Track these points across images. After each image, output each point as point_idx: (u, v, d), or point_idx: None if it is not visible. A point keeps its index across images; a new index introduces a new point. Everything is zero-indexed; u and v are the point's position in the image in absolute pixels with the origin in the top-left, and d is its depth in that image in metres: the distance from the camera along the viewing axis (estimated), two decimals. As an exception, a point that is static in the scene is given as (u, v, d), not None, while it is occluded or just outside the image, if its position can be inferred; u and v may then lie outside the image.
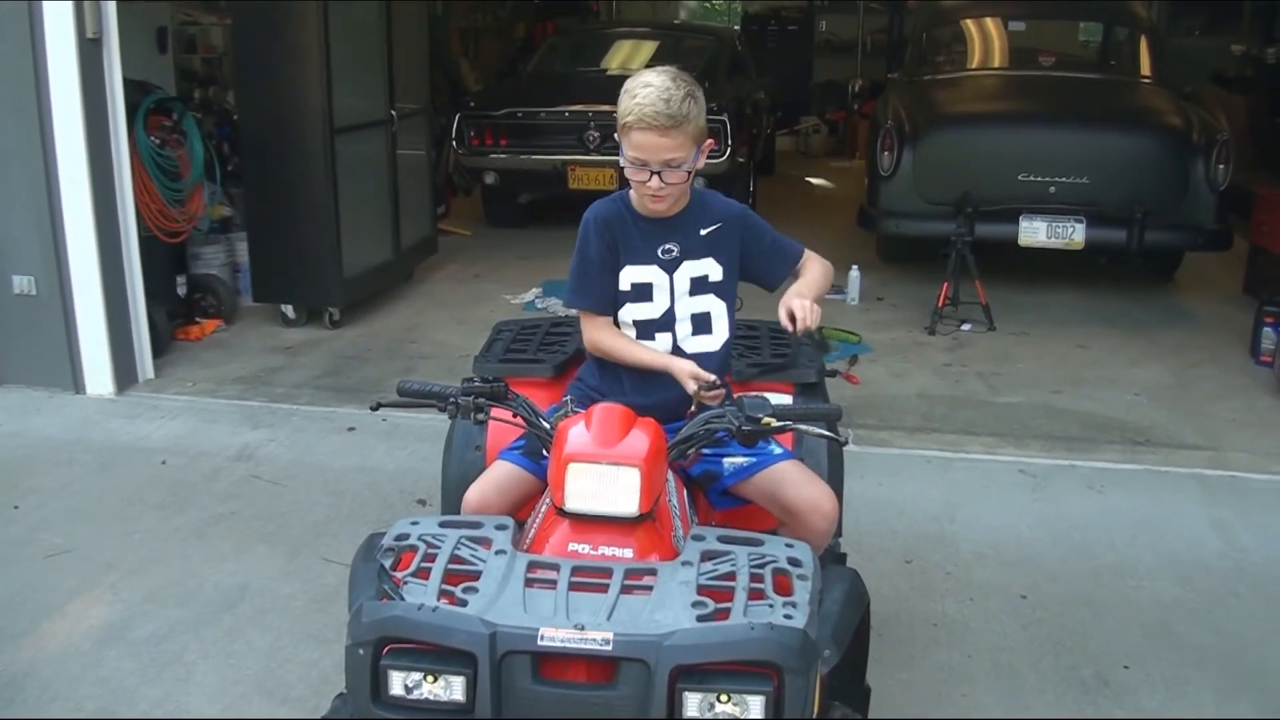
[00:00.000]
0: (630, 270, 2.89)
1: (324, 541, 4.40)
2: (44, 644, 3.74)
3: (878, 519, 4.53)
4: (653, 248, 2.88)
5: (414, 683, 2.00)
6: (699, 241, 2.90)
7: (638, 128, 2.67)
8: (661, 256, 2.88)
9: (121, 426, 5.58)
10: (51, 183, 5.68)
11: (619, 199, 2.94)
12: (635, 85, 2.71)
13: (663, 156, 2.70)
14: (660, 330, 2.91)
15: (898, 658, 3.60)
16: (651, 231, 2.88)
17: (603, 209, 2.93)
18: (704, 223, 2.91)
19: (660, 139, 2.67)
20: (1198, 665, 3.65)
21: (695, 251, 2.90)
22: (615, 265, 2.90)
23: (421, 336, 7.07)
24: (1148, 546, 4.42)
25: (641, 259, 2.89)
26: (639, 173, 2.74)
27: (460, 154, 9.73)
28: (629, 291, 2.90)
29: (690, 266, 2.90)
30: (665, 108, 2.65)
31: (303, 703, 3.37)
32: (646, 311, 2.91)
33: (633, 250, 2.89)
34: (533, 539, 2.36)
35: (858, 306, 7.79)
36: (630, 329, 2.92)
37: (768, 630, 1.97)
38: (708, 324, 2.94)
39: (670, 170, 2.72)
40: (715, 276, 2.92)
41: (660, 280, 2.89)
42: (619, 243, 2.89)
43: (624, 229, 2.89)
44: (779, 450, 2.90)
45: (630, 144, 2.71)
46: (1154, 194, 7.44)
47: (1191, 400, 6.08)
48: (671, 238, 2.88)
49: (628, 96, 2.70)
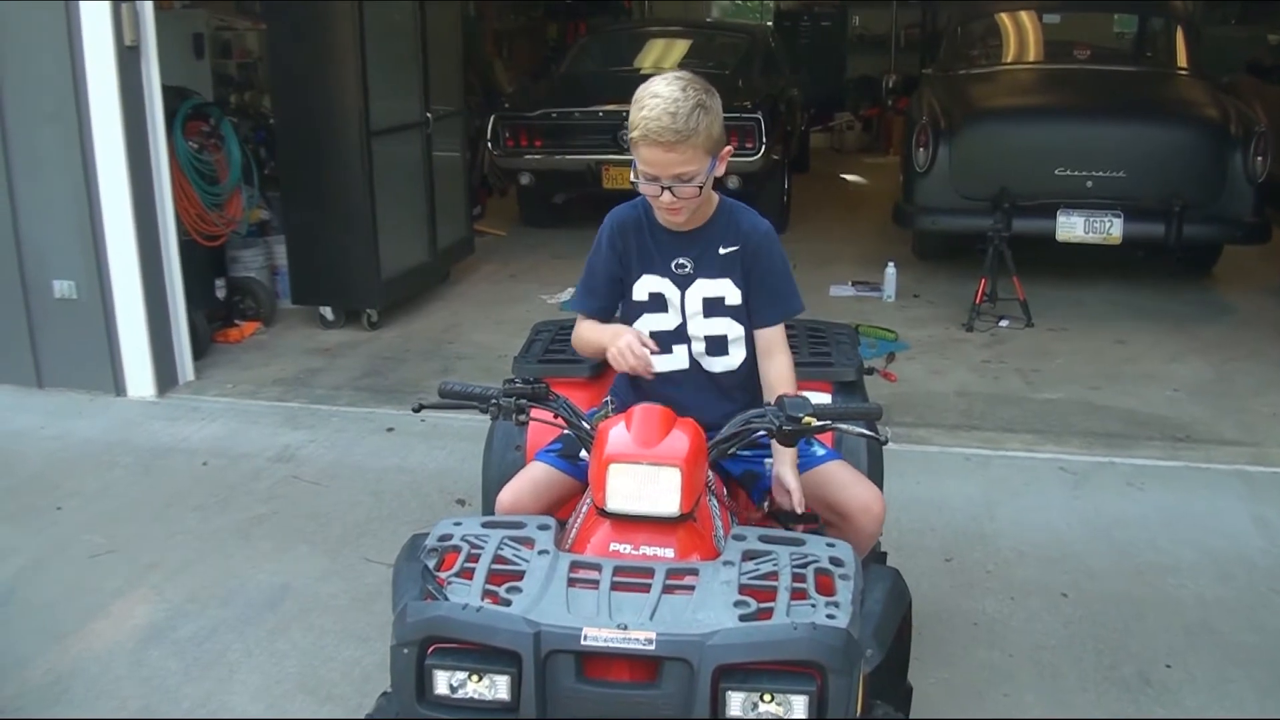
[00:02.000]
0: (647, 280, 2.81)
1: (365, 541, 4.43)
2: (89, 643, 3.78)
3: (917, 517, 4.52)
4: (667, 259, 2.79)
5: (459, 682, 2.01)
6: (716, 260, 2.79)
7: (644, 142, 2.56)
8: (674, 270, 2.79)
9: (163, 428, 5.63)
10: (91, 188, 5.75)
11: (641, 204, 2.83)
12: (643, 95, 2.59)
13: (672, 171, 2.58)
14: (676, 342, 2.85)
15: (938, 656, 3.59)
16: (669, 242, 2.79)
17: (621, 215, 2.85)
18: (725, 241, 2.78)
19: (667, 154, 2.55)
20: (1240, 664, 3.62)
21: (711, 270, 2.79)
22: (622, 274, 2.82)
23: (459, 337, 7.10)
24: (1189, 544, 4.39)
25: (657, 269, 2.80)
26: (650, 186, 2.63)
27: (495, 155, 9.76)
28: (646, 301, 2.82)
29: (704, 285, 2.79)
30: (671, 122, 2.52)
31: (346, 701, 3.40)
32: (662, 323, 2.83)
33: (648, 260, 2.80)
34: (574, 539, 2.37)
35: (894, 303, 7.76)
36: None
37: (811, 630, 1.97)
38: (724, 346, 2.85)
39: (681, 184, 2.61)
40: (732, 300, 2.80)
41: (673, 295, 2.81)
42: (633, 251, 2.80)
43: (640, 237, 2.80)
44: (823, 451, 2.88)
45: (640, 159, 2.61)
46: (1191, 187, 7.39)
47: (1232, 395, 6.03)
48: (687, 252, 2.78)
49: (635, 107, 2.58)
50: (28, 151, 5.79)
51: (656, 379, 2.80)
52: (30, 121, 5.75)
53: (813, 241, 9.45)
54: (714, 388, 2.87)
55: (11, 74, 5.71)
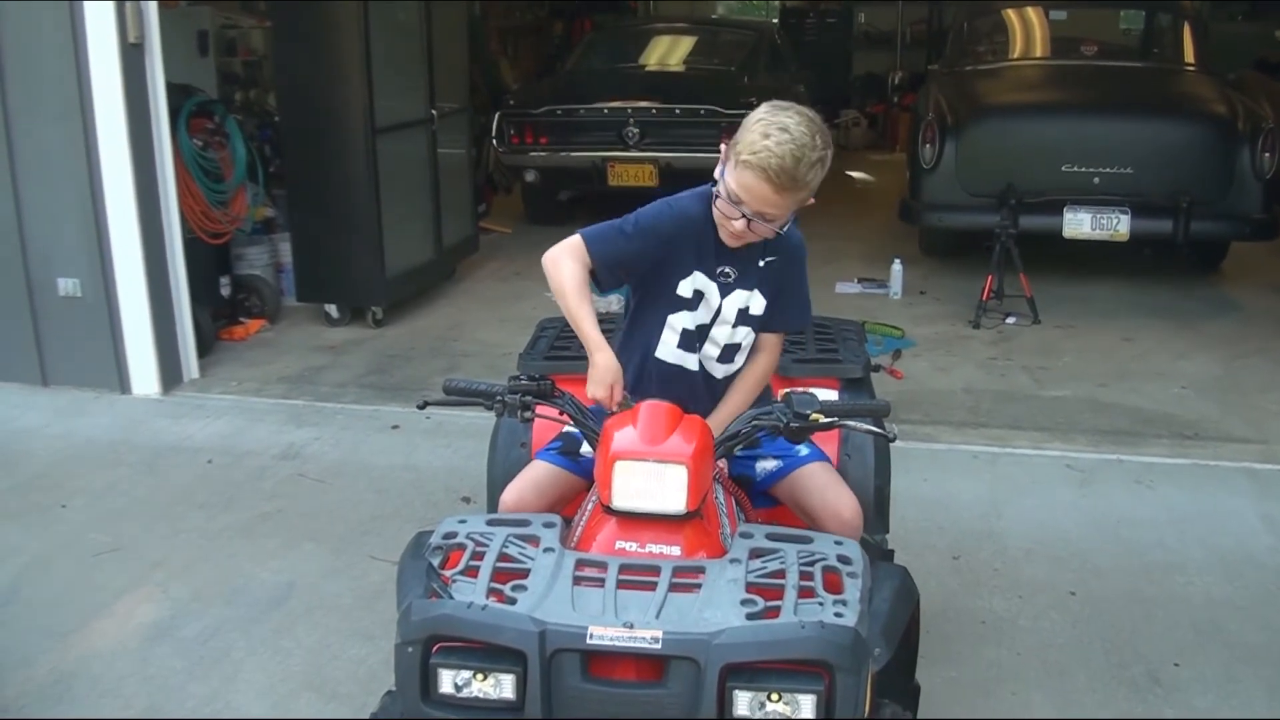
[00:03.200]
0: (698, 278, 2.71)
1: (370, 539, 4.41)
2: (93, 642, 3.77)
3: (924, 515, 4.50)
4: (715, 264, 2.71)
5: (464, 681, 2.00)
6: (755, 273, 2.74)
7: (754, 174, 2.44)
8: (719, 277, 2.72)
9: (167, 426, 5.63)
10: (96, 186, 5.74)
11: (705, 199, 2.67)
12: (770, 124, 2.44)
13: (765, 209, 2.50)
14: (698, 342, 2.79)
15: (946, 655, 3.57)
16: (720, 251, 2.70)
17: (687, 206, 2.69)
18: (765, 253, 2.73)
19: (774, 195, 2.46)
20: (1249, 663, 3.60)
21: (750, 282, 2.74)
22: (658, 262, 2.70)
23: (464, 334, 7.09)
24: (1197, 542, 4.37)
25: (707, 269, 2.71)
26: (731, 209, 2.52)
27: (500, 152, 9.76)
28: (689, 299, 2.73)
29: (740, 296, 2.74)
30: (794, 168, 2.42)
31: (351, 700, 3.38)
32: (693, 320, 2.76)
33: (703, 259, 2.70)
34: (580, 537, 2.36)
35: (900, 300, 7.74)
36: (675, 334, 2.76)
37: (819, 629, 1.96)
38: (733, 354, 2.82)
39: (763, 223, 2.53)
40: (756, 310, 2.77)
41: (714, 299, 2.73)
42: (688, 246, 2.69)
43: (698, 234, 2.68)
44: (806, 452, 2.85)
45: (738, 180, 2.48)
46: (1199, 184, 7.37)
47: (1240, 392, 6.00)
48: (734, 262, 2.71)
49: (759, 133, 2.43)
50: (32, 149, 5.78)
51: (656, 370, 2.78)
52: (35, 119, 5.74)
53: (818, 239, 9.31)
54: (711, 388, 2.83)
55: (16, 72, 5.70)
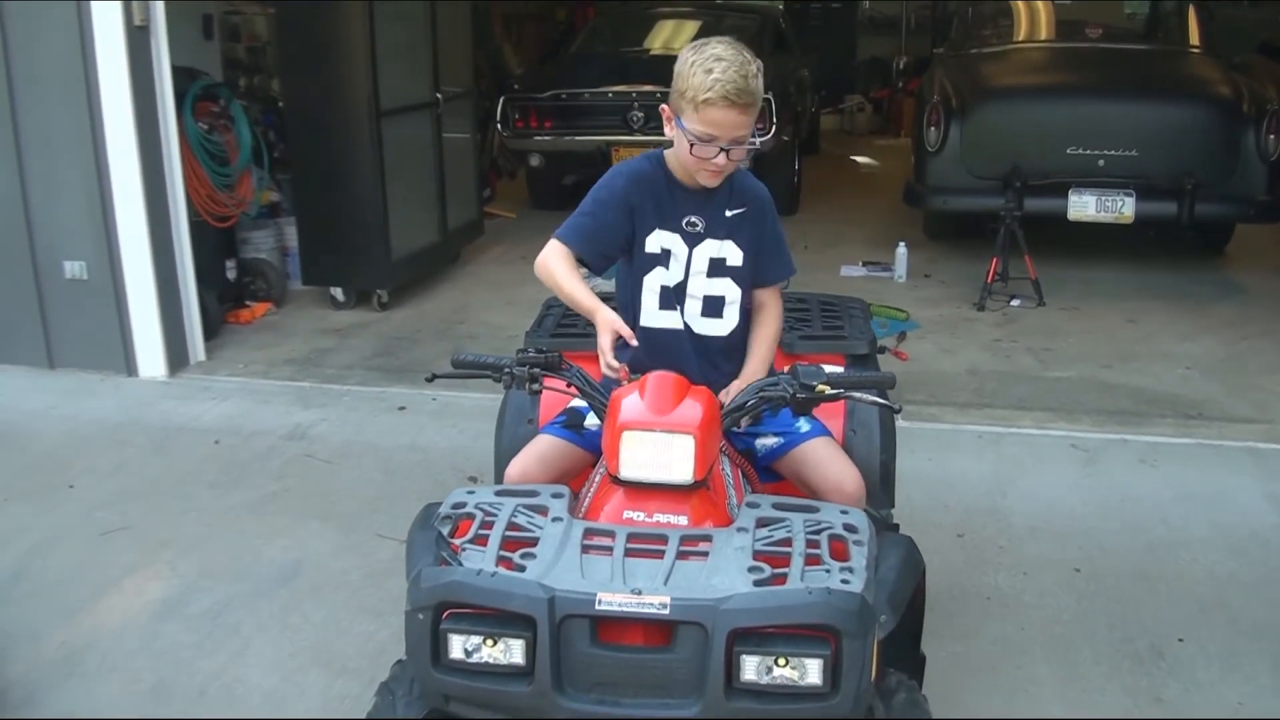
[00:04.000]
0: (660, 234, 2.80)
1: (377, 518, 4.43)
2: (102, 619, 3.79)
3: (929, 494, 4.51)
4: (679, 216, 2.79)
5: (473, 646, 2.01)
6: (723, 222, 2.81)
7: (720, 105, 2.54)
8: (685, 228, 2.79)
9: (174, 408, 5.65)
10: (102, 168, 5.75)
11: (655, 159, 2.82)
12: (705, 59, 2.57)
13: (736, 134, 2.60)
14: (676, 300, 2.83)
15: (951, 630, 3.58)
16: (683, 200, 2.79)
17: (638, 168, 2.81)
18: (731, 203, 2.81)
19: (740, 116, 2.57)
20: (1253, 638, 3.61)
21: (718, 231, 2.81)
22: (627, 228, 2.78)
23: (470, 317, 7.10)
24: (1201, 520, 4.38)
25: (670, 225, 2.79)
26: (706, 149, 2.62)
27: (505, 136, 9.74)
28: (658, 254, 2.80)
29: (711, 246, 2.80)
30: (746, 84, 2.55)
31: (360, 674, 3.40)
32: (666, 278, 2.81)
33: (664, 214, 2.79)
34: (588, 507, 2.37)
35: (905, 283, 7.75)
36: (654, 295, 2.82)
37: (825, 594, 1.97)
38: (719, 308, 2.85)
39: (737, 147, 2.63)
40: (734, 261, 2.82)
41: (680, 251, 2.80)
42: (649, 206, 2.78)
43: (657, 190, 2.78)
44: (807, 428, 2.85)
45: (705, 120, 2.57)
46: (1204, 166, 7.37)
47: (1244, 373, 6.01)
48: (699, 211, 2.79)
49: (701, 71, 2.55)
50: (38, 132, 5.79)
51: (644, 339, 2.78)
52: (41, 102, 5.75)
53: (823, 222, 9.43)
54: (703, 353, 2.85)
55: (22, 55, 5.71)
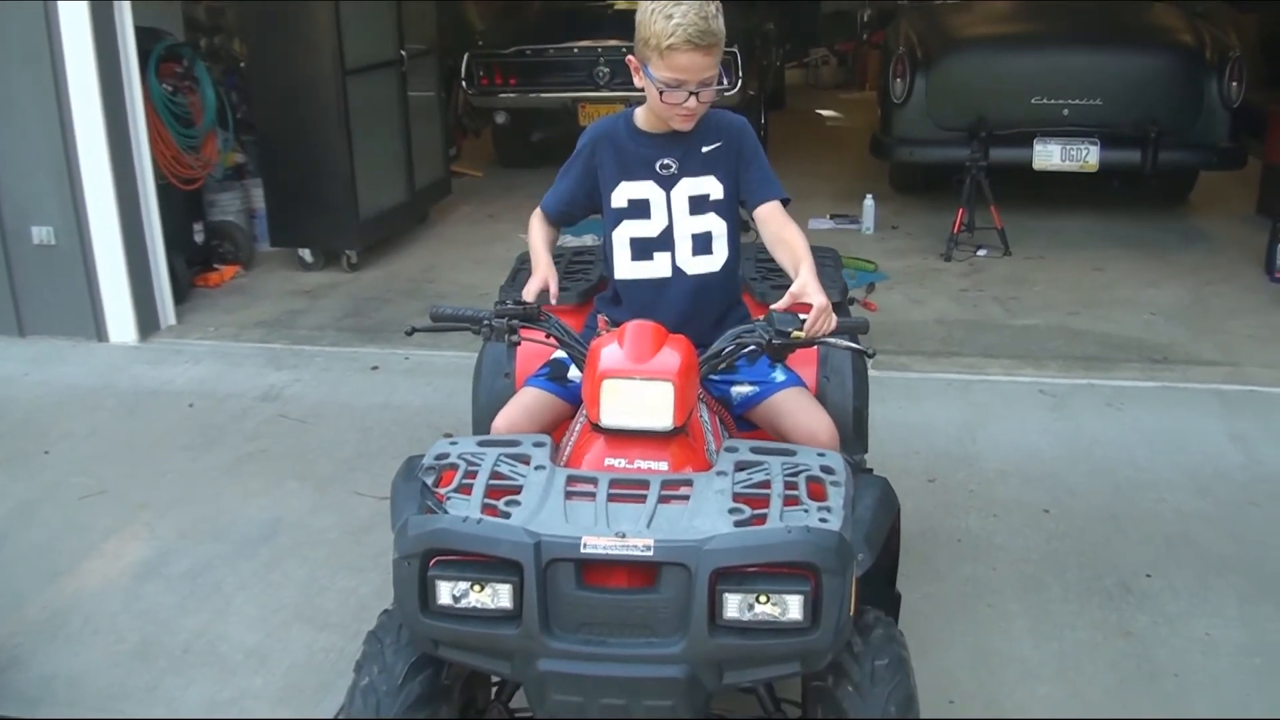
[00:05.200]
0: (626, 186, 2.87)
1: (354, 476, 4.46)
2: (82, 581, 3.81)
3: (900, 440, 4.57)
4: (650, 163, 2.84)
5: (461, 592, 2.04)
6: (699, 159, 2.85)
7: (683, 49, 2.60)
8: (659, 172, 2.84)
9: (146, 372, 5.64)
10: (67, 132, 5.70)
11: (620, 117, 2.91)
12: (664, 5, 2.62)
13: (703, 75, 2.65)
14: (659, 249, 2.89)
15: (924, 572, 3.65)
16: (651, 147, 2.85)
17: (601, 125, 2.93)
18: (706, 140, 2.85)
19: (705, 58, 2.63)
20: (1219, 573, 3.70)
21: (695, 169, 2.85)
22: (592, 187, 2.90)
23: (440, 276, 7.10)
24: (1168, 460, 4.46)
25: (638, 175, 2.86)
26: (675, 94, 2.67)
27: (470, 94, 9.68)
28: (625, 208, 2.88)
29: (689, 184, 2.85)
30: (707, 25, 2.60)
31: (343, 629, 3.44)
32: (644, 229, 2.88)
33: (628, 166, 2.86)
34: (569, 456, 2.40)
35: (873, 235, 7.80)
36: (626, 248, 2.90)
37: (804, 533, 2.01)
38: (708, 244, 2.90)
39: (705, 89, 2.68)
40: (716, 195, 2.87)
41: (657, 197, 2.86)
42: (611, 162, 2.87)
43: (619, 145, 2.87)
44: (782, 378, 2.91)
45: (670, 66, 2.63)
46: (1167, 113, 7.43)
47: (1208, 318, 6.10)
48: (671, 153, 2.84)
49: (662, 18, 2.61)
50: (1, 96, 5.73)
51: (636, 289, 2.89)
52: (3, 65, 5.68)
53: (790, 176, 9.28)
54: (695, 292, 2.90)
55: (-17, 18, 5.64)
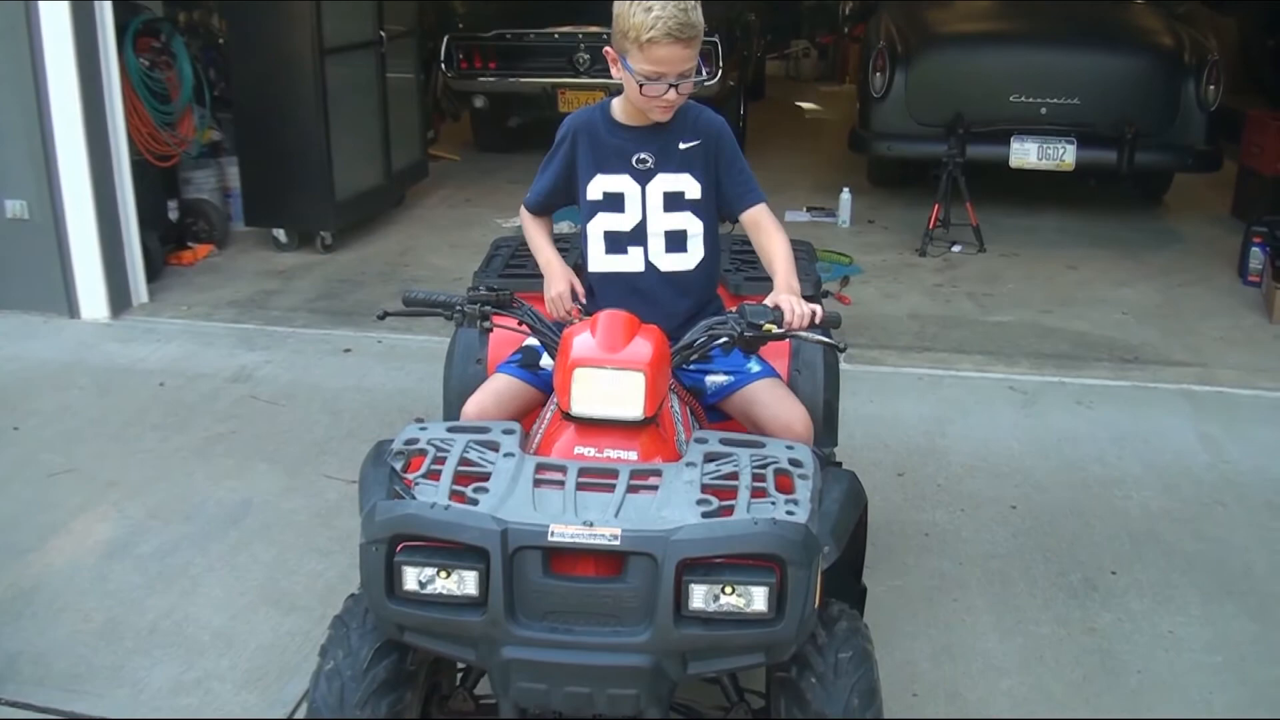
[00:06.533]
0: (602, 179, 2.87)
1: (324, 459, 4.45)
2: (50, 559, 3.79)
3: (870, 434, 4.59)
4: (626, 157, 2.84)
5: (427, 578, 2.04)
6: (676, 156, 2.85)
7: (663, 42, 2.59)
8: (635, 166, 2.84)
9: (118, 350, 5.60)
10: (42, 104, 5.65)
11: (597, 108, 2.91)
12: (642, 1, 2.61)
13: (682, 68, 2.65)
14: (632, 244, 2.88)
15: (891, 565, 3.68)
16: (628, 139, 2.84)
17: (579, 117, 2.93)
18: (684, 136, 2.84)
19: (684, 50, 2.62)
20: (1184, 571, 3.73)
21: (671, 165, 2.85)
22: (570, 178, 2.91)
23: (415, 260, 7.07)
24: (1136, 459, 4.50)
25: (613, 168, 2.85)
26: (655, 87, 2.66)
27: (449, 77, 9.64)
28: (600, 201, 2.88)
29: (665, 180, 2.85)
30: (687, 17, 2.60)
31: (310, 612, 3.43)
32: (618, 223, 2.88)
33: (604, 159, 2.86)
34: (539, 444, 2.40)
35: (849, 229, 7.81)
36: (600, 241, 2.90)
37: (771, 525, 2.02)
38: (682, 242, 2.89)
39: (685, 80, 2.68)
40: (692, 194, 2.86)
41: (632, 191, 2.85)
42: (588, 154, 2.87)
43: (596, 137, 2.87)
44: (757, 369, 2.91)
45: (650, 59, 2.62)
46: (1144, 114, 7.46)
47: (1180, 319, 6.14)
48: (647, 147, 2.83)
49: (641, 11, 2.60)
50: (-25, 68, 5.68)
51: (610, 283, 2.90)
52: (-22, 36, 5.63)
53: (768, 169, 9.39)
54: (669, 288, 2.90)
55: (-44, -12, 5.58)
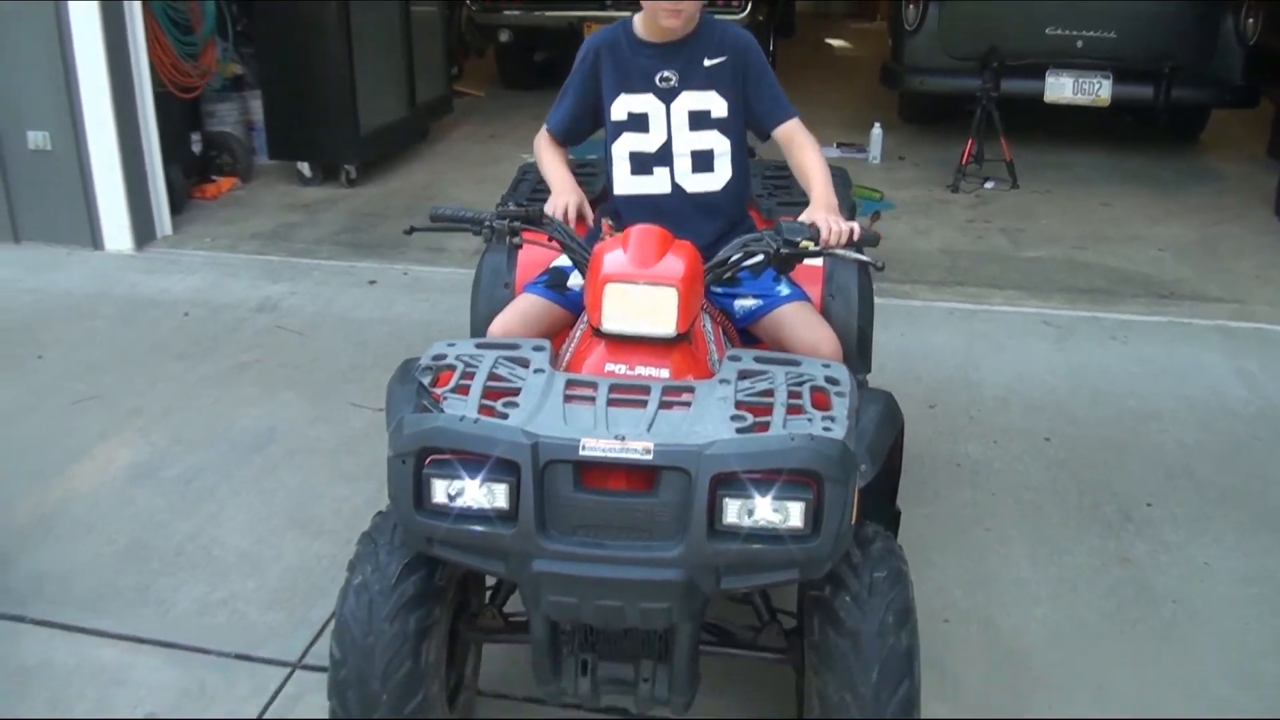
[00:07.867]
0: (626, 99, 2.82)
1: (350, 388, 4.42)
2: (74, 484, 3.78)
3: (902, 367, 4.51)
4: (650, 75, 2.79)
5: (456, 491, 2.00)
6: (701, 73, 2.80)
7: None
8: (659, 84, 2.79)
9: (142, 280, 5.58)
10: (64, 35, 5.60)
11: (619, 26, 2.87)
12: None
13: None
14: (658, 164, 2.84)
15: (922, 495, 3.62)
16: (651, 58, 2.80)
17: (600, 37, 2.87)
18: (709, 53, 2.80)
19: None
20: (1219, 504, 3.67)
21: (696, 82, 2.80)
22: (594, 99, 2.85)
23: (440, 194, 7.01)
24: (1171, 393, 4.43)
25: (637, 87, 2.81)
26: None
27: (474, 10, 9.54)
28: (625, 121, 2.83)
29: (690, 98, 2.80)
30: None
31: (336, 535, 3.41)
32: (643, 143, 2.84)
33: (628, 78, 2.81)
34: (569, 361, 2.36)
35: (880, 165, 7.71)
36: (625, 163, 2.86)
37: (808, 440, 1.97)
38: (709, 161, 2.85)
39: None
40: (719, 112, 2.82)
41: (656, 110, 2.81)
42: (610, 72, 2.82)
43: (619, 55, 2.81)
44: (786, 291, 2.86)
45: None
46: (1181, 49, 7.33)
47: (1215, 256, 6.03)
48: (671, 65, 2.79)
49: None
50: (-3, -3, 5.62)
51: (635, 205, 2.84)
52: (-2, -35, 5.57)
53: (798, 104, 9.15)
54: (695, 209, 2.85)
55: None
